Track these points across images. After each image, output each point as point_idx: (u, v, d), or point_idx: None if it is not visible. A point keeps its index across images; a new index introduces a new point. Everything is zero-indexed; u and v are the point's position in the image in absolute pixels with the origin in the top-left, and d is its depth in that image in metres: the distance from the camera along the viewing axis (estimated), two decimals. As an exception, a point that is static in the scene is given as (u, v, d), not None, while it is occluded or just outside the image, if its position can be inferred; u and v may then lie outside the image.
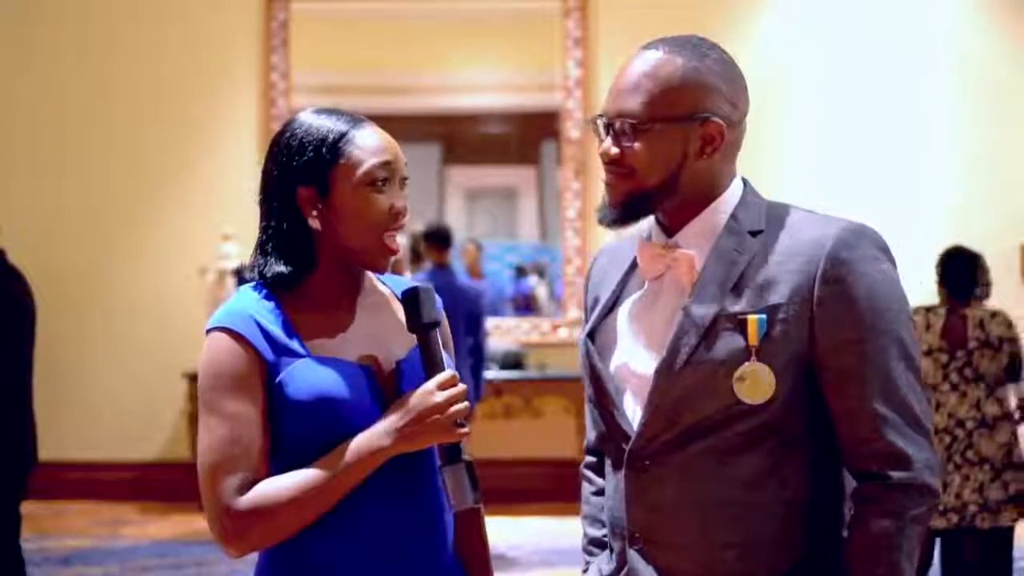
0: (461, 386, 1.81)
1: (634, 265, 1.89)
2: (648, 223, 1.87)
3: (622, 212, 1.82)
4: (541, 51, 8.23)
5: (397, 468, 1.82)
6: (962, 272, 4.99)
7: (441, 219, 8.01)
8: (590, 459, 2.03)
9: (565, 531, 6.97)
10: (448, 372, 1.81)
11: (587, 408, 1.98)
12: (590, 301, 1.95)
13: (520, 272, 8.81)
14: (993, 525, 4.84)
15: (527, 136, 8.99)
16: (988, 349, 4.85)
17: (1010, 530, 5.17)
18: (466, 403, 1.81)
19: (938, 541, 5.10)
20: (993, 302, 5.49)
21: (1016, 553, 5.32)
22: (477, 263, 8.32)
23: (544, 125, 8.49)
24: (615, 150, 1.80)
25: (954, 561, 5.01)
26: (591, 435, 2.00)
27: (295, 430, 1.81)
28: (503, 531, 6.76)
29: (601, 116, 1.83)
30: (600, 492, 1.97)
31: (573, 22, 8.11)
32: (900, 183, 7.84)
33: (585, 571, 1.95)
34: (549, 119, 8.34)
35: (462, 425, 1.80)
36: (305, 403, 1.80)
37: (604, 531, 1.93)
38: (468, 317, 6.47)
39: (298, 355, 1.82)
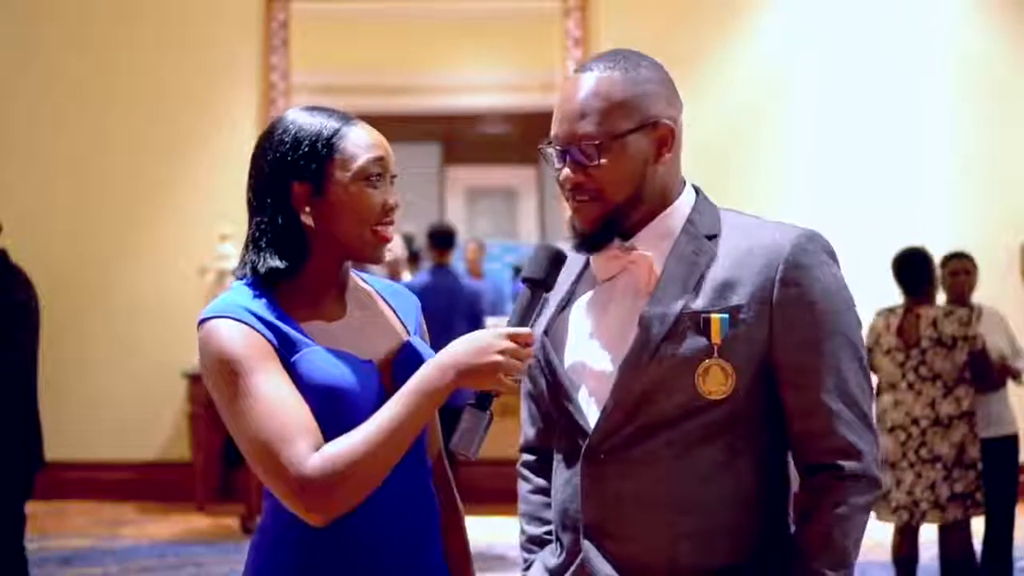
0: (530, 349, 1.79)
1: (586, 267, 1.95)
2: None
3: (597, 235, 1.87)
4: (541, 51, 8.23)
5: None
6: (914, 271, 5.03)
7: (441, 219, 8.02)
8: (528, 458, 2.08)
9: (565, 531, 6.98)
10: (527, 329, 1.80)
11: (524, 405, 2.04)
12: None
13: (520, 272, 8.81)
14: (943, 523, 4.87)
15: (527, 136, 8.97)
16: (941, 347, 4.85)
17: (1009, 528, 5.18)
18: (528, 363, 1.79)
19: (936, 539, 5.11)
20: (993, 303, 5.49)
21: (1016, 553, 5.33)
22: (479, 262, 8.32)
23: (544, 125, 8.34)
24: (577, 175, 1.86)
25: (953, 560, 5.01)
26: (529, 432, 2.06)
27: None
28: (502, 531, 6.75)
29: (550, 143, 1.91)
30: (538, 491, 2.04)
31: (573, 22, 8.11)
32: (900, 183, 7.84)
33: (527, 568, 1.99)
34: (549, 119, 8.29)
35: (518, 381, 1.79)
36: (318, 389, 1.79)
37: (544, 528, 2.00)
38: (467, 316, 6.47)
39: (304, 344, 1.82)
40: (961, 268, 5.36)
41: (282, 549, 1.84)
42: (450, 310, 6.26)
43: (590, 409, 1.86)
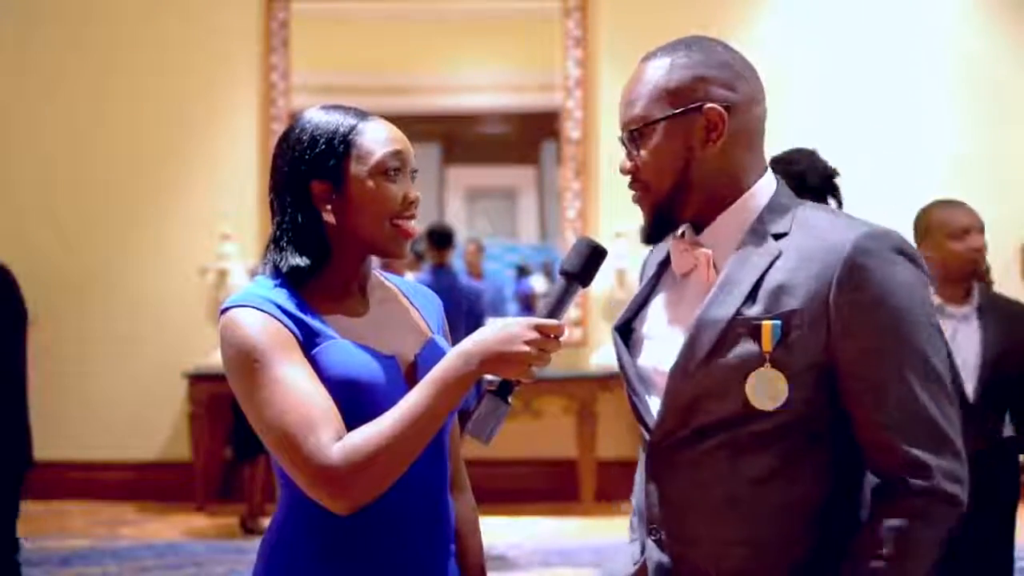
0: (558, 341, 1.75)
1: (668, 261, 1.91)
2: None
3: (654, 227, 1.84)
4: (541, 51, 8.23)
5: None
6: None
7: (441, 219, 8.02)
8: None
9: (565, 531, 6.97)
10: (556, 321, 1.76)
11: None
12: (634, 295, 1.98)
13: (522, 272, 8.81)
14: None
15: (527, 136, 8.99)
16: None
17: (1010, 529, 5.17)
18: (551, 356, 1.75)
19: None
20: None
21: (1016, 553, 5.32)
22: (478, 263, 8.32)
23: (544, 125, 8.49)
24: (628, 163, 1.83)
25: (952, 560, 5.01)
26: None
27: None
28: (503, 531, 6.76)
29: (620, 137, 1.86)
30: None
31: (573, 22, 8.11)
32: (900, 183, 7.83)
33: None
34: (549, 119, 8.34)
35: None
36: (339, 381, 1.78)
37: None
38: (468, 317, 6.47)
39: (326, 336, 1.82)
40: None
41: (297, 542, 1.84)
42: (451, 310, 6.25)
43: (656, 408, 1.81)
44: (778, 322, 1.70)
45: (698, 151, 1.79)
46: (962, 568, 4.81)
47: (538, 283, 8.64)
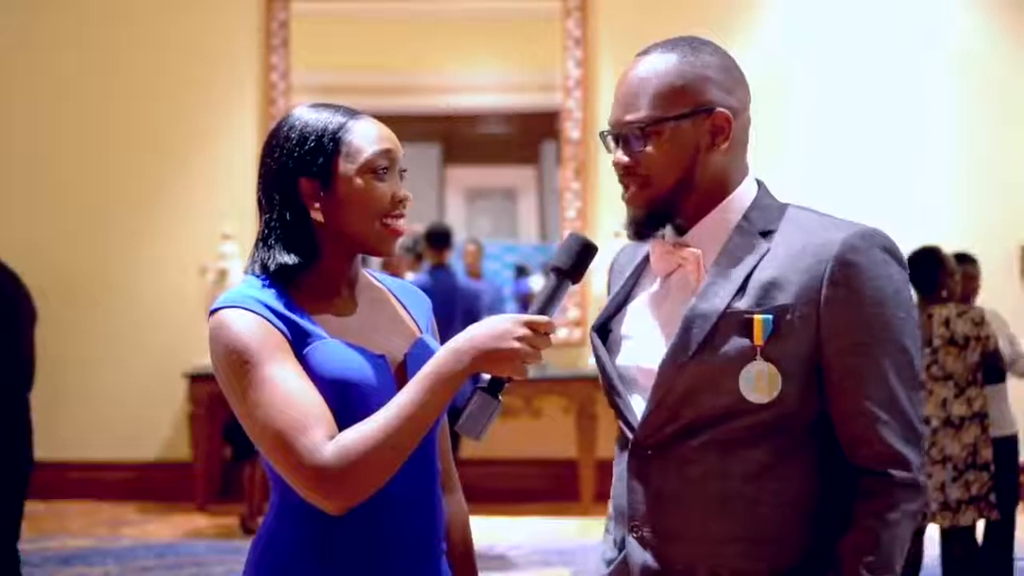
0: (549, 338, 1.76)
1: (646, 261, 1.91)
2: None
3: (646, 221, 1.83)
4: (541, 51, 8.23)
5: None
6: (927, 271, 5.01)
7: (441, 219, 8.02)
8: None
9: (565, 531, 6.97)
10: (546, 318, 1.76)
11: None
12: (609, 297, 1.98)
13: (521, 272, 8.81)
14: (953, 524, 4.84)
15: (527, 136, 9.00)
16: (953, 347, 4.84)
17: (1011, 528, 5.18)
18: (541, 353, 1.76)
19: (938, 540, 5.11)
20: (993, 303, 5.50)
21: (1016, 552, 5.33)
22: (477, 263, 8.33)
23: (544, 125, 8.49)
24: (627, 158, 1.82)
25: (956, 560, 5.01)
26: None
27: None
28: (503, 531, 6.75)
29: (608, 130, 1.85)
30: None
31: (573, 22, 8.11)
32: (900, 184, 7.84)
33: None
34: (549, 119, 8.34)
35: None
36: (329, 381, 1.78)
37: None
38: (466, 317, 6.47)
39: (316, 336, 1.81)
40: (975, 272, 5.41)
41: (289, 542, 1.84)
42: (450, 310, 6.26)
43: (639, 406, 1.82)
44: (769, 316, 1.73)
45: (703, 153, 1.81)
46: None
47: (537, 283, 8.64)
